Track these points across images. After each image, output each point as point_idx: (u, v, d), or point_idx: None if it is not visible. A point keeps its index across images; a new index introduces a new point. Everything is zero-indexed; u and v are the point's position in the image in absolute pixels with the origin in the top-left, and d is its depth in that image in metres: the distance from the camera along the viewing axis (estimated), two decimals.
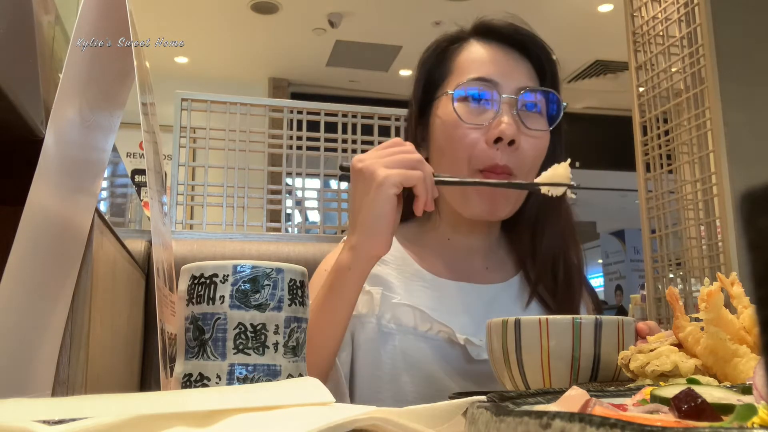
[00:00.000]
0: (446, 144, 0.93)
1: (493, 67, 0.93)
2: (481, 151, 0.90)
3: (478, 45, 0.97)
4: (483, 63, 0.94)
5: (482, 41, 0.97)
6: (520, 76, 0.94)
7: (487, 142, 0.90)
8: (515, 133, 0.89)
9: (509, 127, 0.89)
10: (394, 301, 0.91)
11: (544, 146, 0.95)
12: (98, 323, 0.59)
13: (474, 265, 1.00)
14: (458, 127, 0.91)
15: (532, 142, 0.92)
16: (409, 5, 4.86)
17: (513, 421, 0.27)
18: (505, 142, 0.89)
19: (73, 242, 0.52)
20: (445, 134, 0.93)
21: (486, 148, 0.90)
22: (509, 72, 0.93)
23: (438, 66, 0.99)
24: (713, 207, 2.43)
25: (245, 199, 1.63)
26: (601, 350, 0.66)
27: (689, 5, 2.53)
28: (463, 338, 0.89)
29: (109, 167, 2.93)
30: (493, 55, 0.94)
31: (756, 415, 0.29)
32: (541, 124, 0.94)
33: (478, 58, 0.95)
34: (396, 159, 0.79)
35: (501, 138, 0.89)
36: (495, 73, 0.92)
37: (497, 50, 0.95)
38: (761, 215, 0.16)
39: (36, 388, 0.46)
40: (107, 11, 0.52)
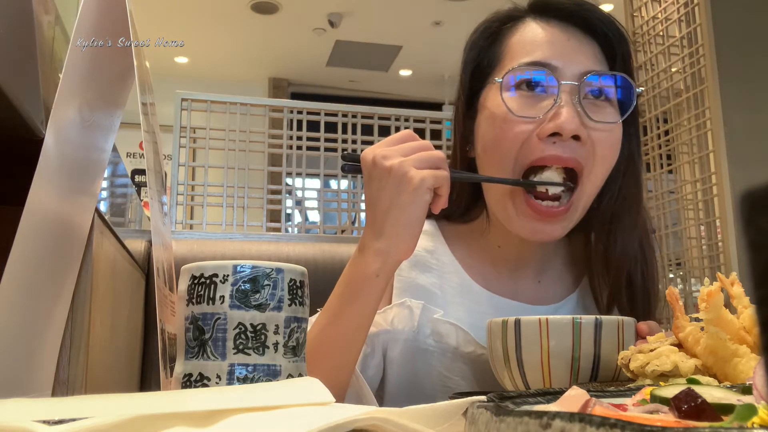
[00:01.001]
0: (491, 141, 0.80)
1: (551, 49, 0.79)
2: (531, 145, 0.77)
3: (535, 24, 0.82)
4: (539, 44, 0.80)
5: (540, 19, 0.83)
6: (584, 59, 0.79)
7: (540, 136, 0.76)
8: (578, 126, 0.75)
9: (569, 120, 0.75)
10: (436, 317, 0.82)
11: (617, 140, 0.81)
12: (98, 323, 0.59)
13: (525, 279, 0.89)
14: (507, 120, 0.77)
15: (603, 137, 0.78)
16: (409, 5, 4.87)
17: (513, 421, 0.27)
18: (565, 137, 0.75)
19: (73, 242, 0.52)
20: (492, 129, 0.80)
21: (538, 142, 0.76)
22: (571, 54, 0.79)
23: (488, 49, 0.85)
24: (713, 207, 2.43)
25: (245, 199, 1.64)
26: (601, 350, 0.66)
27: (689, 5, 2.53)
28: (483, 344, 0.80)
29: (109, 167, 2.93)
30: (552, 36, 0.80)
31: (756, 415, 0.29)
32: (609, 114, 0.80)
33: (533, 38, 0.81)
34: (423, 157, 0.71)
35: (558, 133, 0.75)
36: (554, 55, 0.79)
37: (557, 29, 0.81)
38: (761, 215, 0.16)
39: (36, 388, 0.46)
40: (107, 11, 0.52)
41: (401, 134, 0.74)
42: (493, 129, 0.80)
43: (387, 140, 0.74)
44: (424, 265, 0.88)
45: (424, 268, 0.87)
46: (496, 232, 0.88)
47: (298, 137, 1.69)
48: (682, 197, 2.56)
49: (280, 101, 1.75)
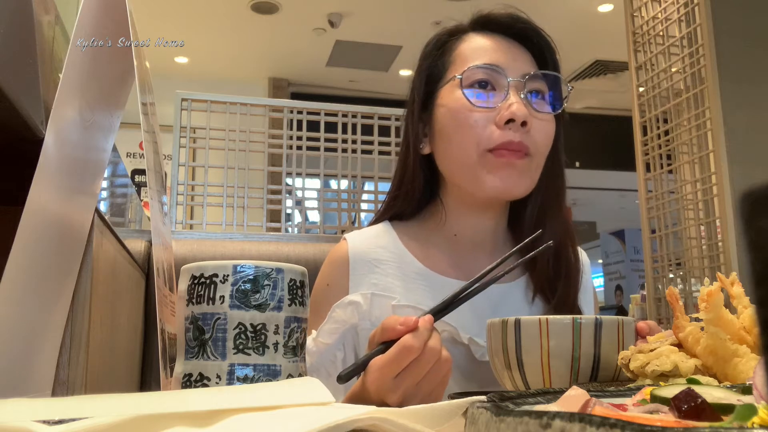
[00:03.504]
0: (454, 130, 0.91)
1: (496, 54, 0.93)
2: (491, 132, 0.89)
3: (479, 36, 0.96)
4: (486, 51, 0.94)
5: (482, 33, 0.97)
6: (524, 64, 0.93)
7: (498, 124, 0.89)
8: (526, 114, 0.88)
9: (520, 107, 0.88)
10: (394, 303, 0.89)
11: (552, 131, 0.94)
12: (98, 323, 0.59)
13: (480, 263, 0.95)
14: (467, 111, 0.90)
15: (542, 125, 0.91)
16: (409, 5, 4.87)
17: (513, 421, 0.27)
18: (518, 123, 0.88)
19: (73, 242, 0.52)
20: (453, 121, 0.91)
21: (497, 131, 0.89)
22: (513, 59, 0.93)
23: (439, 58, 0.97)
24: (713, 207, 2.43)
25: (245, 199, 1.64)
26: (601, 350, 0.66)
27: (689, 5, 2.53)
28: (467, 337, 0.87)
29: (109, 167, 2.93)
30: (495, 44, 0.94)
31: (756, 415, 0.29)
32: (547, 109, 0.93)
33: (480, 46, 0.94)
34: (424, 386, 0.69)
35: (513, 119, 0.88)
36: (499, 59, 0.92)
37: (498, 40, 0.95)
38: (761, 215, 0.16)
39: (36, 388, 0.46)
40: (107, 11, 0.52)
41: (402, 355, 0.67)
42: (454, 120, 0.91)
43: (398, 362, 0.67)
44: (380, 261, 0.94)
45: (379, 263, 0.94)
46: (451, 222, 0.98)
47: (298, 137, 1.69)
48: (682, 197, 2.56)
49: (280, 101, 1.75)
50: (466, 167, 0.91)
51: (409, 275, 0.94)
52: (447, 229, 0.98)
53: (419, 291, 0.93)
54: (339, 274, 0.94)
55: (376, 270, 0.93)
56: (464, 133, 0.90)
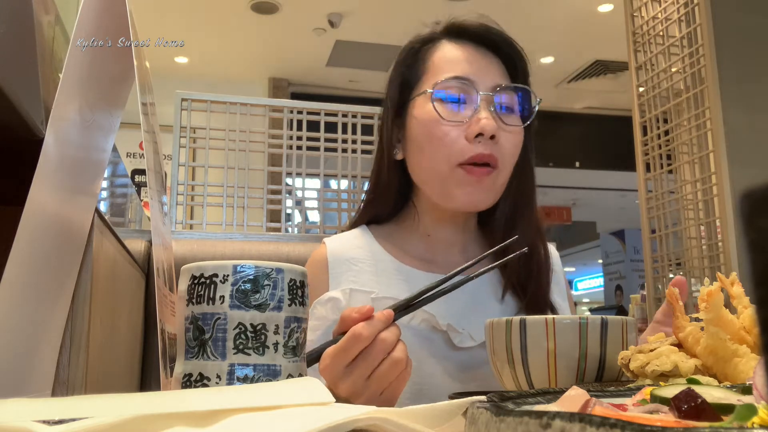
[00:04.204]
0: (425, 142, 0.94)
1: (468, 66, 0.95)
2: (462, 146, 0.91)
3: (451, 45, 0.98)
4: (458, 62, 0.95)
5: (454, 41, 0.98)
6: (494, 75, 0.95)
7: (468, 137, 0.91)
8: (495, 128, 0.91)
9: (489, 122, 0.91)
10: (373, 296, 0.92)
11: (520, 141, 0.97)
12: (98, 323, 0.59)
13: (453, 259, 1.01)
14: (438, 124, 0.92)
15: (510, 137, 0.94)
16: (409, 5, 4.87)
17: (513, 421, 0.27)
18: (486, 136, 0.91)
19: (73, 242, 0.52)
20: (425, 133, 0.94)
21: (466, 144, 0.91)
22: (484, 70, 0.95)
23: (412, 66, 1.00)
24: (713, 207, 2.43)
25: (245, 199, 1.63)
26: (606, 350, 0.66)
27: (689, 5, 2.53)
28: (445, 324, 0.90)
29: (109, 167, 2.93)
30: (467, 55, 0.96)
31: (756, 415, 0.29)
32: (516, 120, 0.96)
33: (452, 57, 0.96)
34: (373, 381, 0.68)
35: (482, 133, 0.91)
36: (470, 71, 0.94)
37: (470, 49, 0.97)
38: (761, 215, 0.16)
39: (36, 388, 0.46)
40: (107, 11, 0.52)
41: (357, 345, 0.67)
42: (425, 133, 0.94)
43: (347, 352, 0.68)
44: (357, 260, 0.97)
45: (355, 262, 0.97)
46: (425, 223, 1.02)
47: (298, 137, 1.69)
48: (682, 197, 2.56)
49: (280, 101, 1.75)
50: (436, 179, 0.94)
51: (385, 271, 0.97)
52: (421, 229, 1.02)
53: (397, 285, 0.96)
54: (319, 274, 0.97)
55: (353, 268, 0.96)
56: (435, 145, 0.93)
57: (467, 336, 0.91)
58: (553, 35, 5.24)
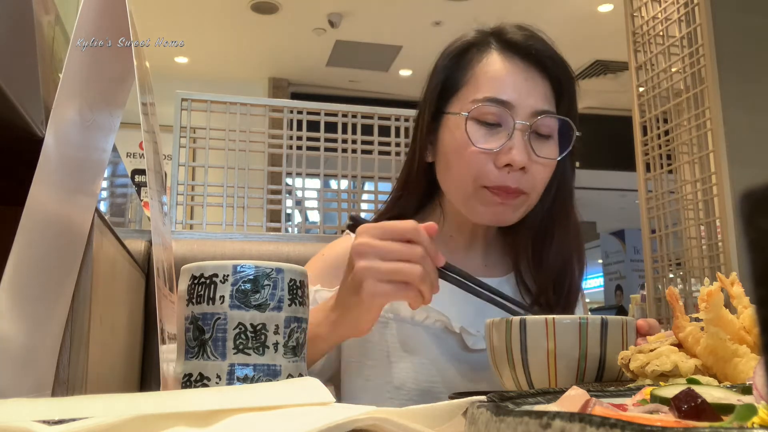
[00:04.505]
0: (454, 161, 0.93)
1: (510, 88, 0.92)
2: (489, 172, 0.90)
3: (499, 57, 0.95)
4: (501, 82, 0.92)
5: (502, 53, 0.95)
6: (537, 98, 0.92)
7: (497, 165, 0.90)
8: (525, 160, 0.89)
9: (520, 154, 0.89)
10: None
11: (552, 171, 0.95)
12: (98, 323, 0.59)
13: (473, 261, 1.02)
14: (468, 148, 0.90)
15: (541, 169, 0.92)
16: (409, 5, 4.86)
17: (513, 421, 0.27)
18: (516, 168, 0.89)
19: (73, 242, 0.52)
20: (455, 152, 0.93)
21: (494, 170, 0.90)
22: (526, 93, 0.92)
23: (456, 71, 0.97)
24: (713, 207, 2.43)
25: (245, 199, 1.64)
26: (607, 350, 0.66)
27: (689, 5, 2.53)
28: (458, 327, 0.91)
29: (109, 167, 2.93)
30: (512, 74, 0.93)
31: (756, 415, 0.29)
32: (551, 150, 0.94)
33: (496, 75, 0.93)
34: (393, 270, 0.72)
35: (510, 164, 0.89)
36: (512, 93, 0.91)
37: (516, 67, 0.94)
38: (761, 215, 0.16)
39: (36, 388, 0.46)
40: (107, 11, 0.52)
41: (402, 228, 0.74)
42: (455, 151, 0.93)
43: (385, 228, 0.74)
44: None
45: None
46: (449, 224, 1.01)
47: (298, 137, 1.69)
48: (682, 197, 2.56)
49: (280, 101, 1.75)
50: (461, 195, 0.94)
51: None
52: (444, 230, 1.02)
53: None
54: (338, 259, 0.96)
55: None
56: (463, 166, 0.92)
57: (481, 338, 0.92)
58: (553, 35, 5.22)
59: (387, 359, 0.91)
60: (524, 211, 0.95)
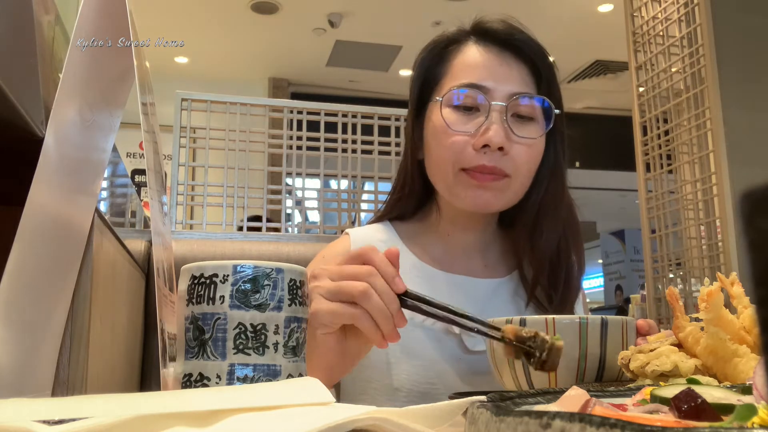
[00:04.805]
0: (434, 147, 0.95)
1: (486, 72, 0.93)
2: (467, 154, 0.91)
3: (475, 47, 0.97)
4: (476, 68, 0.94)
5: (479, 43, 0.97)
6: (514, 82, 0.94)
7: (474, 147, 0.91)
8: (503, 140, 0.90)
9: (496, 134, 0.89)
10: None
11: (538, 152, 0.95)
12: (98, 323, 0.59)
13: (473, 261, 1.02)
14: (446, 132, 0.92)
15: (523, 149, 0.92)
16: (409, 5, 4.86)
17: (513, 421, 0.27)
18: (493, 148, 0.90)
19: (73, 242, 0.52)
20: (434, 139, 0.94)
21: (472, 152, 0.91)
22: (503, 77, 0.93)
23: (435, 66, 0.99)
24: (713, 207, 2.43)
25: (245, 199, 1.63)
26: (607, 350, 0.66)
27: (689, 5, 2.53)
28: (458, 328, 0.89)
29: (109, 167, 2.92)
30: (488, 60, 0.95)
31: (756, 415, 0.29)
32: (532, 131, 0.94)
33: (472, 62, 0.95)
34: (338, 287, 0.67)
35: (488, 145, 0.90)
36: (487, 78, 0.93)
37: (492, 54, 0.95)
38: (761, 215, 0.16)
39: (36, 388, 0.46)
40: (107, 11, 0.52)
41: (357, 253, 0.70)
42: (435, 139, 0.95)
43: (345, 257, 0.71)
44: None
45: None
46: (445, 223, 1.02)
47: (298, 137, 1.69)
48: (682, 197, 2.56)
49: (280, 101, 1.75)
50: (443, 182, 0.95)
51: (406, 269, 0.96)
52: (441, 229, 1.02)
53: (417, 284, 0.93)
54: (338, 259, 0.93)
55: None
56: (442, 152, 0.93)
57: (480, 339, 0.91)
58: (553, 35, 5.23)
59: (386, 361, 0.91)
60: (510, 197, 0.94)
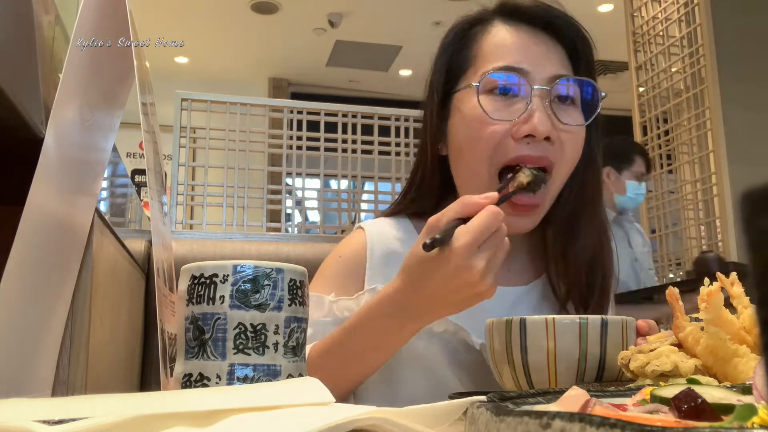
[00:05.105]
0: (466, 142, 0.83)
1: (521, 54, 0.83)
2: (507, 146, 0.80)
3: (504, 28, 0.86)
4: (510, 49, 0.83)
5: (508, 23, 0.86)
6: (552, 64, 0.83)
7: (515, 137, 0.80)
8: (549, 129, 0.79)
9: (542, 123, 0.79)
10: None
11: (582, 139, 0.85)
12: (98, 323, 0.59)
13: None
14: (483, 122, 0.81)
15: (570, 138, 0.82)
16: (409, 5, 4.86)
17: (513, 421, 0.27)
18: (539, 138, 0.79)
19: (73, 242, 0.52)
20: (467, 131, 0.83)
21: (513, 144, 0.80)
22: (540, 59, 0.83)
23: (460, 51, 0.88)
24: (713, 207, 2.43)
25: (245, 199, 1.64)
26: (607, 350, 0.66)
27: (689, 5, 2.53)
28: (479, 343, 0.82)
29: (109, 167, 2.93)
30: (522, 40, 0.84)
31: (756, 415, 0.29)
32: (576, 117, 0.84)
33: (504, 43, 0.84)
34: (499, 262, 0.67)
35: (532, 135, 0.79)
36: (524, 60, 0.82)
37: (526, 34, 0.84)
38: (761, 215, 0.16)
39: (36, 388, 0.46)
40: (107, 11, 0.52)
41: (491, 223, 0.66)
42: (468, 130, 0.83)
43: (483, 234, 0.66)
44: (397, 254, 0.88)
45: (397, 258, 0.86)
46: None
47: (298, 137, 1.69)
48: (682, 197, 2.56)
49: (280, 101, 1.75)
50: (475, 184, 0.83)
51: None
52: None
53: None
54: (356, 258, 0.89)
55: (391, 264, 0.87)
56: (476, 147, 0.82)
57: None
58: None
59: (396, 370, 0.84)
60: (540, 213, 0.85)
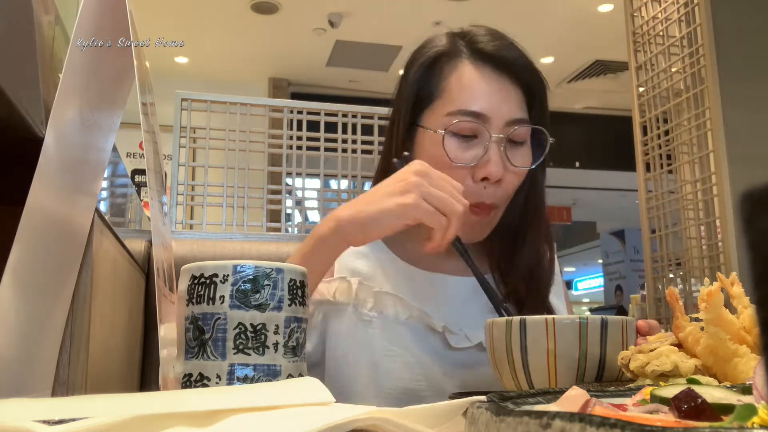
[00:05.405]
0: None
1: (485, 100, 0.93)
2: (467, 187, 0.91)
3: (470, 67, 0.95)
4: (473, 92, 0.94)
5: (475, 63, 0.96)
6: (511, 107, 0.94)
7: (474, 179, 0.92)
8: (501, 173, 0.92)
9: (497, 168, 0.91)
10: (376, 290, 0.93)
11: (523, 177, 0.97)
12: (98, 323, 0.59)
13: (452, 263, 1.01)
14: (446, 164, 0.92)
15: (514, 178, 0.95)
16: (409, 5, 4.87)
17: (513, 421, 0.27)
18: (492, 181, 0.92)
19: (73, 242, 0.52)
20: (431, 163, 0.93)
21: (472, 185, 0.92)
22: (501, 103, 0.93)
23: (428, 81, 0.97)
24: (713, 207, 2.43)
25: (245, 199, 1.63)
26: (606, 350, 0.66)
27: (689, 5, 2.53)
28: (441, 326, 0.91)
29: (109, 167, 2.93)
30: (487, 84, 0.94)
31: (756, 415, 0.29)
32: (525, 159, 0.96)
33: (471, 86, 0.94)
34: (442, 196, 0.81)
35: (488, 178, 0.92)
36: (487, 105, 0.92)
37: (488, 76, 0.94)
38: (761, 215, 0.16)
39: (36, 388, 0.46)
40: (107, 11, 0.52)
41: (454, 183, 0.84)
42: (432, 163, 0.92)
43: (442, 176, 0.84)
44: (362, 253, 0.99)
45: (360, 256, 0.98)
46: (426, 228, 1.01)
47: (298, 137, 1.69)
48: (682, 197, 2.56)
49: (280, 101, 1.75)
50: None
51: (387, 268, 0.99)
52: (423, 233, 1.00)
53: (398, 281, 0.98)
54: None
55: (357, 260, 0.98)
56: None
57: (463, 337, 0.92)
58: (553, 35, 5.24)
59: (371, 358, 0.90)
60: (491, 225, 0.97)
